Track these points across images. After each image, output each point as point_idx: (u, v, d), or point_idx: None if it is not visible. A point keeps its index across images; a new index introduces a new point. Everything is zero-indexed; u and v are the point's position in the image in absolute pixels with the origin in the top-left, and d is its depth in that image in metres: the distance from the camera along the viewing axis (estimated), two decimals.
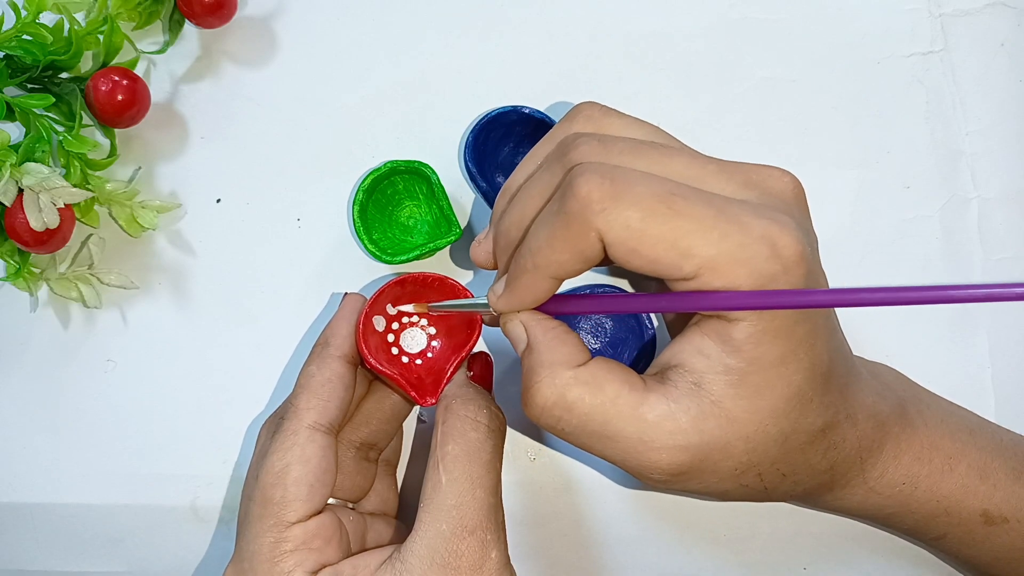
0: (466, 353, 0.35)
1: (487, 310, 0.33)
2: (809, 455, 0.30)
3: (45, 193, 0.38)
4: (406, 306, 0.36)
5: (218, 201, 0.43)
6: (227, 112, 0.44)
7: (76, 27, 0.40)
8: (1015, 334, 0.42)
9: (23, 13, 0.40)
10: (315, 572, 0.31)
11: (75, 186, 0.39)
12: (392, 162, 0.40)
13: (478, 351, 0.36)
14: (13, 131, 0.42)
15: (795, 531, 0.40)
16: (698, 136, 0.41)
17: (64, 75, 0.41)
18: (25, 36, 0.40)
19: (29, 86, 0.41)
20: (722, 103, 0.44)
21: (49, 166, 0.39)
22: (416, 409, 0.41)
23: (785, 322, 0.27)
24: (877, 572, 0.40)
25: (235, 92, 0.44)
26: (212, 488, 0.40)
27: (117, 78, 0.40)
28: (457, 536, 0.30)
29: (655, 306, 0.29)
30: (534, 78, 0.44)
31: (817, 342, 0.29)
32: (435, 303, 0.35)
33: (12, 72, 0.40)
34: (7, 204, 0.38)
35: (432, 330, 0.36)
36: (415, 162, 0.40)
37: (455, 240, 0.39)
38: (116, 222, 0.42)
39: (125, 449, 0.41)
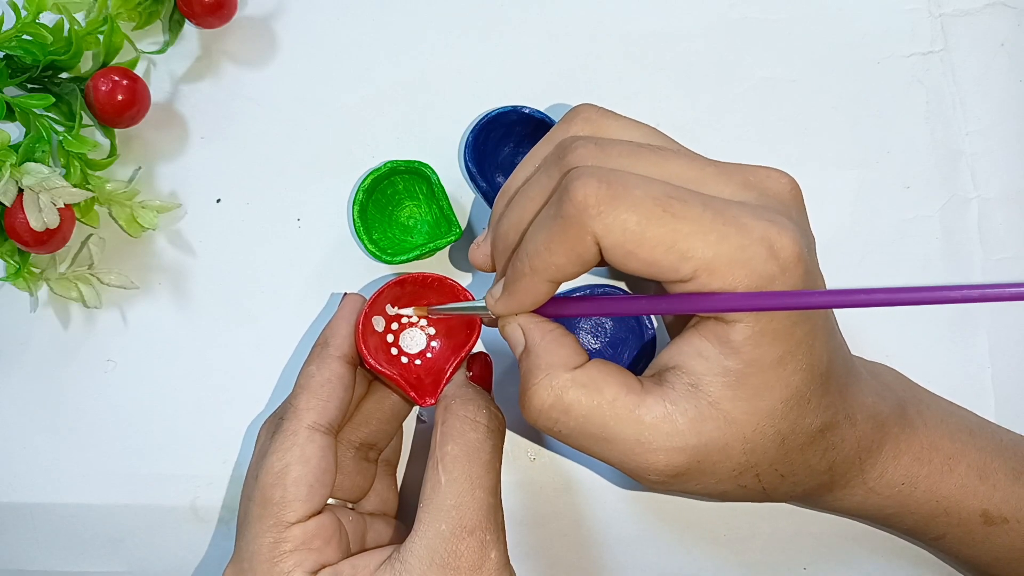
0: (465, 353, 0.35)
1: (485, 313, 0.33)
2: (808, 456, 0.30)
3: (45, 193, 0.38)
4: (405, 309, 0.36)
5: (218, 201, 0.43)
6: (227, 112, 0.44)
7: (76, 27, 0.40)
8: (1015, 334, 0.42)
9: (23, 13, 0.40)
10: (315, 572, 0.31)
11: (75, 186, 0.39)
12: (392, 162, 0.40)
13: (477, 351, 0.36)
14: (13, 131, 0.42)
15: (795, 531, 0.40)
16: (698, 136, 0.41)
17: (64, 75, 0.41)
18: (25, 36, 0.40)
19: (29, 86, 0.41)
20: (722, 103, 0.44)
21: (49, 166, 0.39)
22: (416, 409, 0.41)
23: (783, 323, 0.27)
24: (877, 572, 0.40)
25: (235, 92, 0.44)
26: (212, 488, 0.40)
27: (117, 78, 0.40)
28: (456, 536, 0.30)
29: (653, 308, 0.29)
30: (534, 78, 0.44)
31: (816, 343, 0.29)
32: (434, 307, 0.35)
33: (12, 72, 0.40)
34: (7, 204, 0.38)
35: (431, 330, 0.36)
36: (415, 162, 0.40)
37: (455, 240, 0.39)
38: (116, 222, 0.42)
39: (125, 449, 0.41)
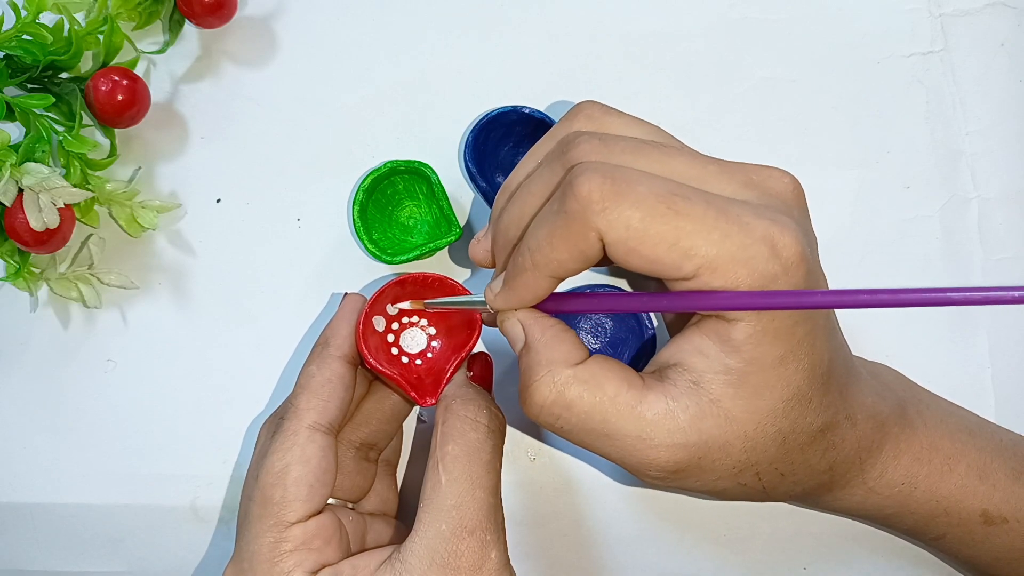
0: (466, 353, 0.35)
1: (484, 308, 0.33)
2: (808, 455, 0.30)
3: (45, 193, 0.38)
4: (402, 303, 0.35)
5: (218, 201, 0.43)
6: (227, 112, 0.44)
7: (76, 27, 0.40)
8: (1015, 334, 0.42)
9: (23, 13, 0.40)
10: (315, 572, 0.31)
11: (75, 186, 0.39)
12: (392, 162, 0.40)
13: (478, 351, 0.36)
14: (13, 131, 0.42)
15: (795, 531, 0.40)
16: (698, 136, 0.41)
17: (64, 75, 0.41)
18: (25, 36, 0.40)
19: (29, 86, 0.41)
20: (722, 103, 0.44)
21: (49, 166, 0.39)
22: (416, 409, 0.41)
23: (785, 323, 0.27)
24: (877, 572, 0.40)
25: (235, 92, 0.44)
26: (212, 488, 0.40)
27: (117, 78, 0.40)
28: (457, 536, 0.30)
29: (655, 306, 0.29)
30: (534, 78, 0.44)
31: (817, 342, 0.29)
32: (432, 300, 0.35)
33: (12, 72, 0.40)
34: (7, 204, 0.38)
35: (432, 330, 0.36)
36: (415, 162, 0.40)
37: (455, 240, 0.39)
38: (116, 222, 0.42)
39: (125, 449, 0.41)
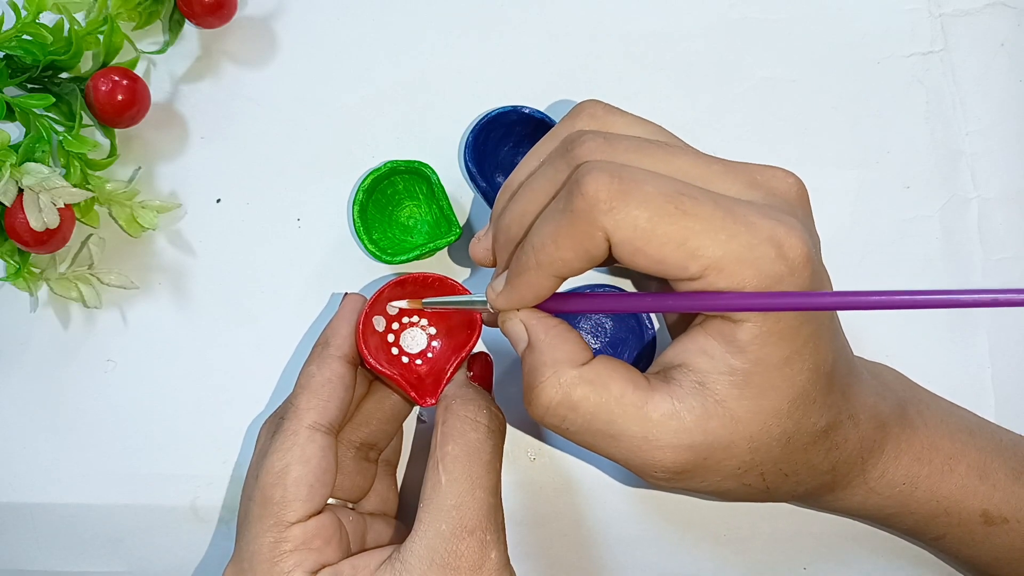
0: (466, 353, 0.35)
1: (484, 307, 0.33)
2: (811, 455, 0.30)
3: (45, 193, 0.38)
4: (400, 302, 0.35)
5: (218, 201, 0.43)
6: (227, 112, 0.44)
7: (76, 27, 0.40)
8: (1015, 334, 0.42)
9: (23, 13, 0.40)
10: (315, 572, 0.31)
11: (75, 186, 0.39)
12: (392, 162, 0.40)
13: (478, 351, 0.36)
14: (13, 131, 0.42)
15: (795, 531, 0.40)
16: (698, 136, 0.41)
17: (64, 75, 0.41)
18: (25, 36, 0.40)
19: (29, 86, 0.41)
20: (722, 103, 0.44)
21: (49, 166, 0.39)
22: (416, 409, 0.41)
23: (790, 323, 0.27)
24: (877, 572, 0.40)
25: (235, 92, 0.44)
26: (212, 488, 0.40)
27: (117, 78, 0.40)
28: (457, 536, 0.30)
29: (660, 306, 0.29)
30: (534, 78, 0.44)
31: (821, 343, 0.29)
32: (431, 299, 0.35)
33: (12, 72, 0.40)
34: (7, 204, 0.38)
35: (432, 330, 0.36)
36: (415, 162, 0.40)
37: (455, 240, 0.39)
38: (116, 222, 0.42)
39: (125, 449, 0.41)
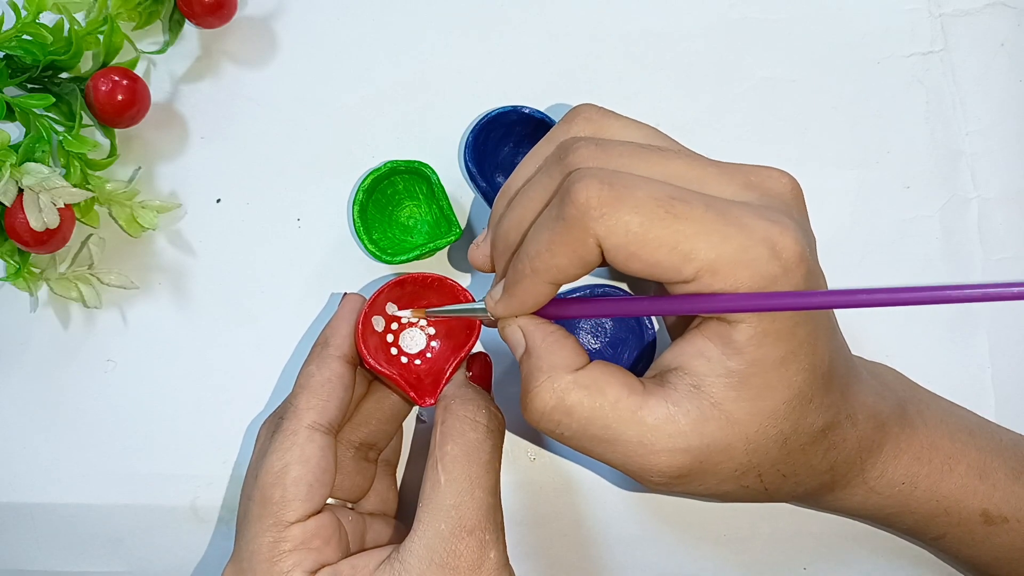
0: (465, 354, 0.35)
1: (485, 316, 0.33)
2: (810, 456, 0.30)
3: (45, 193, 0.38)
4: (403, 312, 0.35)
5: (218, 201, 0.43)
6: (227, 112, 0.44)
7: (76, 27, 0.40)
8: (1015, 334, 0.42)
9: (23, 13, 0.40)
10: (314, 572, 0.31)
11: (75, 186, 0.39)
12: (392, 162, 0.40)
13: (477, 351, 0.36)
14: (13, 131, 0.42)
15: (795, 531, 0.40)
16: (698, 136, 0.41)
17: (64, 75, 0.41)
18: (25, 36, 0.40)
19: (29, 86, 0.41)
20: (722, 103, 0.44)
21: (49, 166, 0.39)
22: (416, 409, 0.41)
23: (786, 324, 0.27)
24: (877, 572, 0.40)
25: (235, 92, 0.44)
26: (212, 488, 0.40)
27: (117, 78, 0.40)
28: (456, 536, 0.30)
29: (656, 309, 0.29)
30: (534, 78, 0.44)
31: (818, 343, 0.28)
32: (432, 309, 0.35)
33: (12, 72, 0.40)
34: (7, 204, 0.38)
35: (431, 331, 0.36)
36: (415, 162, 0.40)
37: (455, 240, 0.39)
38: (116, 222, 0.42)
39: (125, 449, 0.41)
